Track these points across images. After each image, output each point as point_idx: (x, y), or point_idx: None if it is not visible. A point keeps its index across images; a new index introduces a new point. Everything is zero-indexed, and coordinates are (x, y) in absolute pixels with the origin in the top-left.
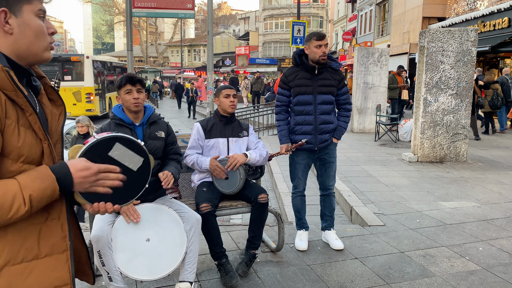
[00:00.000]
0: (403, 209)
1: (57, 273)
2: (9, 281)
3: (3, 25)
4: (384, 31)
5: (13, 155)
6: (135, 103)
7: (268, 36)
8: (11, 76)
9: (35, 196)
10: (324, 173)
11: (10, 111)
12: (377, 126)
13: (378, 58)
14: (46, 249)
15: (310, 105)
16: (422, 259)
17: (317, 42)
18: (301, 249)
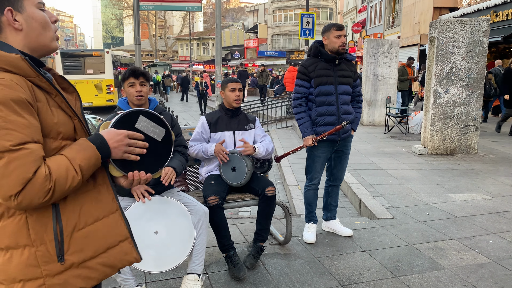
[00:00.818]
0: (413, 201)
1: (117, 229)
2: (81, 244)
3: (13, 23)
4: (394, 22)
5: (52, 134)
6: (138, 96)
7: (277, 29)
8: (31, 64)
9: (83, 165)
10: (338, 164)
11: (39, 95)
12: (387, 118)
13: (388, 50)
14: (102, 212)
15: (332, 95)
16: (431, 252)
17: (337, 32)
18: (309, 242)
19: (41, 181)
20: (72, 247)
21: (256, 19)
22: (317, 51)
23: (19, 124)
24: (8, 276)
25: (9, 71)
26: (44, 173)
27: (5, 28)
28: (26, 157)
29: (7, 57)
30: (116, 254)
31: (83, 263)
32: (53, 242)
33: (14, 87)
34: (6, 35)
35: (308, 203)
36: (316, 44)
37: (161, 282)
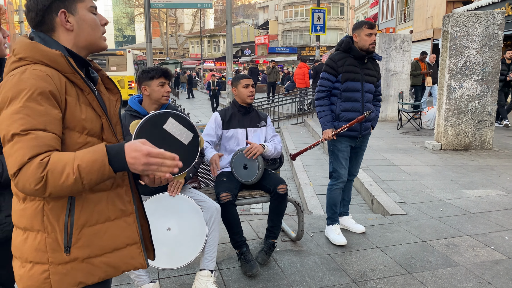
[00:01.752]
0: (426, 198)
1: (127, 232)
2: (89, 239)
3: (65, 24)
4: (406, 16)
5: (78, 128)
6: (167, 96)
7: (287, 25)
8: (69, 61)
9: (84, 167)
10: (353, 160)
11: (70, 90)
12: (400, 113)
13: (400, 45)
14: (115, 213)
15: (358, 92)
16: (445, 249)
17: (368, 30)
18: (342, 244)
19: (34, 167)
20: (80, 241)
21: (267, 16)
22: (348, 47)
23: (36, 111)
24: (22, 254)
25: (47, 65)
26: (39, 160)
27: (58, 28)
28: (29, 142)
29: (48, 52)
30: (122, 257)
31: (88, 258)
32: (63, 233)
33: (45, 78)
34: (59, 34)
35: (334, 203)
36: (348, 39)
37: (174, 278)
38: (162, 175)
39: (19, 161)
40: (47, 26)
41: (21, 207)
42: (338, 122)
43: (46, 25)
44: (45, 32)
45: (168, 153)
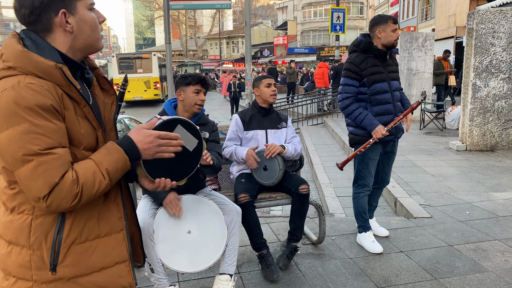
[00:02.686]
0: (451, 200)
1: (117, 250)
2: (77, 258)
3: (65, 26)
4: (428, 14)
5: (75, 142)
6: (200, 104)
7: (306, 25)
8: (64, 73)
9: (111, 169)
10: (385, 166)
11: (67, 103)
12: (422, 113)
13: (422, 43)
14: (105, 229)
15: (387, 93)
16: (473, 253)
17: (394, 25)
18: (379, 252)
19: (68, 186)
20: (67, 259)
21: (286, 16)
22: (367, 46)
23: (48, 128)
24: (6, 267)
25: (40, 78)
26: (71, 177)
27: (56, 29)
28: (54, 162)
29: (42, 64)
30: (110, 276)
31: (74, 278)
32: (50, 251)
33: (42, 92)
34: (55, 36)
35: (363, 211)
36: (367, 39)
37: (193, 281)
38: (169, 155)
39: (49, 183)
40: (42, 26)
41: (8, 219)
42: None
43: (42, 25)
44: (38, 33)
45: (172, 134)
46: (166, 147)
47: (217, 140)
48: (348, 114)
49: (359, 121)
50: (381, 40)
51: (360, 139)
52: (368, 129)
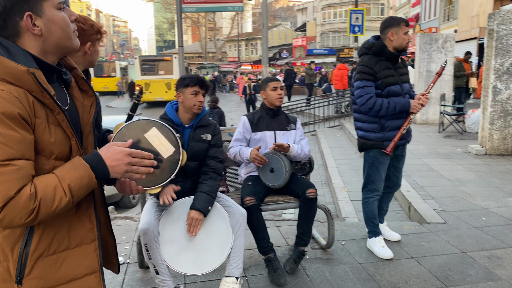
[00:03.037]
0: (467, 205)
1: (87, 262)
2: (44, 270)
3: (32, 29)
4: (450, 15)
5: (46, 152)
6: (199, 106)
7: (326, 26)
8: (37, 79)
9: (73, 186)
10: (396, 170)
11: (39, 111)
12: (441, 116)
13: (442, 45)
14: (76, 240)
15: (399, 96)
16: (486, 261)
17: (406, 28)
18: (389, 257)
19: (24, 201)
20: (34, 272)
21: (305, 17)
22: (380, 49)
23: (11, 138)
24: None
25: (11, 83)
26: (28, 192)
27: (23, 33)
28: (13, 174)
29: (13, 70)
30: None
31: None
32: (16, 263)
33: (10, 100)
34: (25, 40)
35: (373, 217)
36: (381, 42)
37: (200, 283)
38: (140, 176)
39: (4, 196)
40: (9, 32)
41: None
42: (384, 133)
43: (9, 31)
44: (8, 38)
45: (145, 152)
46: (137, 167)
47: (219, 145)
48: (378, 110)
49: (392, 109)
50: (393, 43)
51: (372, 144)
52: (407, 108)
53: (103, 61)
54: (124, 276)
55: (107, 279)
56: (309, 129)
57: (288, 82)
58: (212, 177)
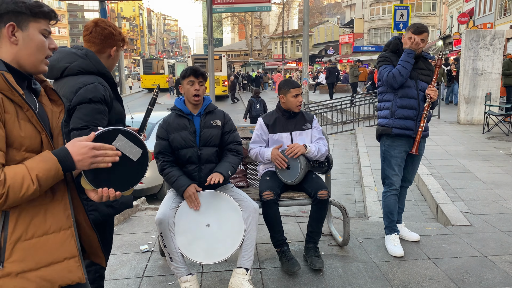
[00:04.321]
0: (498, 209)
1: (65, 246)
2: (24, 254)
3: (10, 37)
4: (507, 10)
5: (16, 145)
6: (195, 94)
7: (374, 23)
8: (6, 79)
9: (41, 176)
10: (409, 165)
11: (8, 107)
12: (486, 116)
13: (490, 42)
14: (53, 226)
15: (413, 89)
16: (507, 266)
17: (410, 34)
18: (398, 255)
19: None
20: (13, 256)
21: (353, 14)
22: (396, 48)
23: None
24: None
25: None
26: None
27: (2, 38)
28: None
29: None
30: (59, 271)
31: (22, 273)
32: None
33: None
34: (1, 44)
35: (390, 211)
36: (397, 41)
37: (215, 273)
38: (106, 165)
39: None
40: None
41: None
42: (394, 120)
43: None
44: None
45: (107, 145)
46: (102, 157)
47: (234, 129)
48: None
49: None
50: (404, 45)
51: (383, 129)
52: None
53: (152, 59)
54: (147, 262)
55: (130, 265)
56: (349, 127)
57: (330, 80)
58: (233, 155)
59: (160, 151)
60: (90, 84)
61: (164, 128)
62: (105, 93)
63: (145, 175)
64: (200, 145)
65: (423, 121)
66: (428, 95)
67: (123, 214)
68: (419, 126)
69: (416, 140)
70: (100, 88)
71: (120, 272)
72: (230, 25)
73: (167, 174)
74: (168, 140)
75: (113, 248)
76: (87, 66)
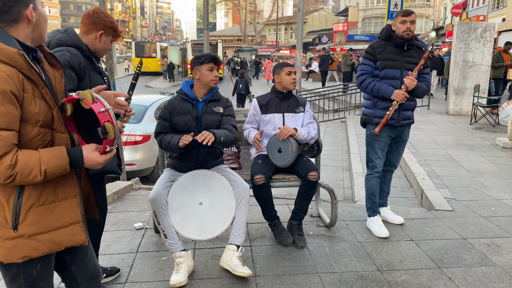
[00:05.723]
0: (480, 196)
1: (71, 213)
2: (36, 218)
3: (31, 17)
4: (500, 3)
5: (32, 121)
6: (215, 80)
7: (368, 11)
8: (26, 59)
9: (50, 171)
10: (394, 150)
11: (27, 86)
12: (474, 108)
13: (481, 34)
14: (61, 195)
15: (396, 79)
16: (485, 248)
17: (401, 18)
18: (384, 236)
19: (4, 168)
20: (27, 220)
21: (348, 2)
22: (387, 34)
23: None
24: None
25: (5, 63)
26: (8, 162)
27: (22, 20)
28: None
29: (6, 51)
30: (66, 234)
31: (33, 235)
32: (11, 212)
33: (5, 79)
34: (19, 26)
35: (372, 193)
36: (388, 27)
37: (208, 249)
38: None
39: None
40: (11, 18)
41: None
42: (375, 110)
43: (11, 17)
44: (8, 23)
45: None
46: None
47: (232, 114)
48: (364, 88)
49: (376, 91)
50: (396, 32)
51: (366, 119)
52: (387, 95)
53: (144, 41)
54: (141, 239)
55: (125, 241)
56: (340, 115)
57: (323, 68)
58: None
59: (161, 131)
60: (58, 51)
61: (168, 110)
62: (71, 60)
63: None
64: (201, 130)
65: (393, 107)
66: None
67: (117, 193)
68: (388, 110)
69: (382, 122)
70: (66, 55)
71: (115, 247)
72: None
73: (164, 140)
74: (170, 122)
75: (108, 225)
76: (64, 38)
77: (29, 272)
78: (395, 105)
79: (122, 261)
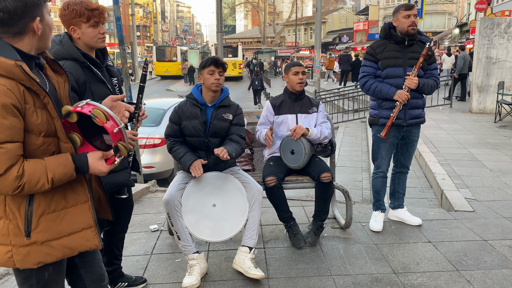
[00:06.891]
0: (502, 196)
1: (83, 218)
2: (47, 225)
3: (38, 30)
4: None
5: (35, 131)
6: (216, 83)
7: (389, 10)
8: (24, 70)
9: (57, 178)
10: (405, 151)
11: (28, 98)
12: (498, 105)
13: (505, 29)
14: (71, 201)
15: (400, 78)
16: (506, 250)
17: (405, 12)
18: (375, 230)
19: (11, 179)
20: (39, 227)
21: (369, 1)
22: (386, 33)
23: (2, 125)
24: None
25: (4, 76)
26: (16, 173)
27: (28, 32)
28: (2, 156)
29: (3, 64)
30: (78, 239)
31: (46, 242)
32: (23, 220)
33: (6, 92)
34: (24, 38)
35: (376, 191)
36: (386, 26)
37: (221, 251)
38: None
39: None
40: (16, 30)
41: None
42: (380, 111)
43: (16, 29)
44: (6, 34)
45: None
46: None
47: (241, 124)
48: (367, 90)
49: (378, 93)
50: (397, 27)
51: (372, 119)
52: (390, 96)
53: (165, 46)
54: (156, 241)
55: (140, 243)
56: (360, 115)
57: (343, 68)
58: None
59: (170, 134)
60: None
61: (178, 114)
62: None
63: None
64: (209, 135)
65: (396, 108)
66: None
67: (134, 196)
68: (392, 112)
69: (387, 125)
70: None
71: (130, 249)
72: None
73: (175, 151)
74: (180, 126)
75: None
76: (60, 52)
77: (41, 274)
78: (399, 106)
79: (137, 263)
